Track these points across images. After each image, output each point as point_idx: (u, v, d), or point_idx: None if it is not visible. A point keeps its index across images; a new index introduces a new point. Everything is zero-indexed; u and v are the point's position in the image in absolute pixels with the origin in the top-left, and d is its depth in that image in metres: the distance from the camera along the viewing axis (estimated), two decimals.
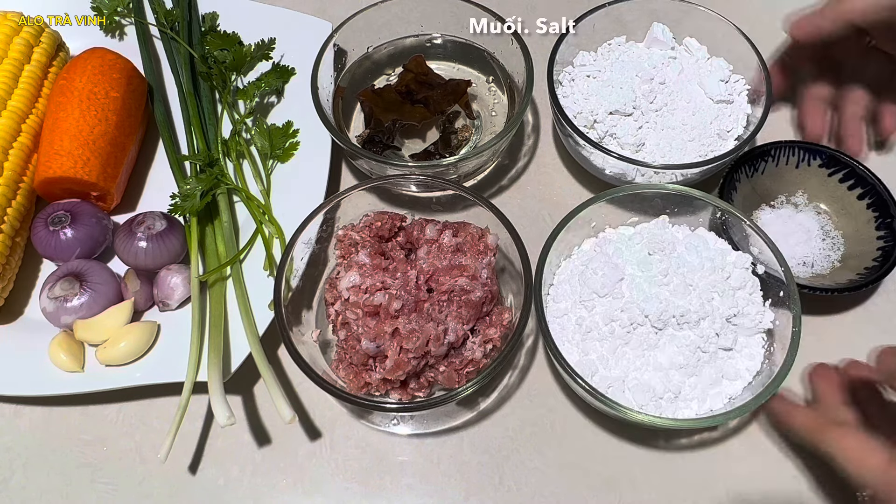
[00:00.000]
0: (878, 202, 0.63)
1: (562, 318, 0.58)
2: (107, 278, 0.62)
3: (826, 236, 0.66)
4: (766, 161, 0.66)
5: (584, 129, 0.66)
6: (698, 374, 0.55)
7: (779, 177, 0.67)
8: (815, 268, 0.64)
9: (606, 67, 0.69)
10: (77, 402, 0.61)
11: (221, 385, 0.55)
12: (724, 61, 0.68)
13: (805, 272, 0.64)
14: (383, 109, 0.68)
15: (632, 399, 0.54)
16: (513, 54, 0.68)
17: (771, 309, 0.57)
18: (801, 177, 0.67)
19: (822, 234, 0.66)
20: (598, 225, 0.62)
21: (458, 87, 0.69)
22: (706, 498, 0.56)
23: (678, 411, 0.54)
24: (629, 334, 0.55)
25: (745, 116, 0.66)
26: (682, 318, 0.55)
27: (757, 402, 0.51)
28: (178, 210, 0.64)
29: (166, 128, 0.71)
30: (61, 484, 0.58)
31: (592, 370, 0.55)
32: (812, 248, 0.65)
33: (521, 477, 0.58)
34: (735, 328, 0.56)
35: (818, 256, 0.65)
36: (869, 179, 0.64)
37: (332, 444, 0.59)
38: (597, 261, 0.58)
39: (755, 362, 0.56)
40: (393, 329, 0.54)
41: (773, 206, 0.67)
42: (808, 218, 0.66)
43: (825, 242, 0.65)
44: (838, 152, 0.65)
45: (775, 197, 0.68)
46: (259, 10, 0.76)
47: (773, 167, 0.67)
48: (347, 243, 0.59)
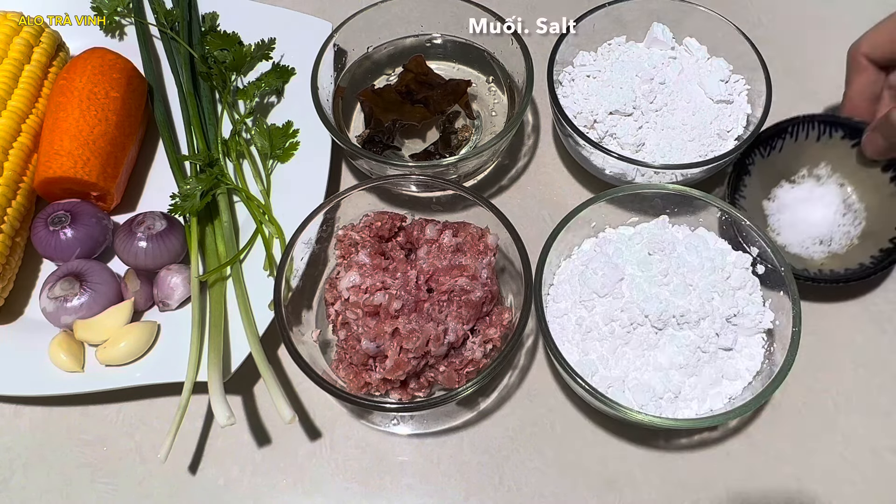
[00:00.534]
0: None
1: (562, 318, 0.58)
2: (107, 278, 0.62)
3: (848, 209, 0.64)
4: (784, 138, 0.65)
5: (584, 129, 0.66)
6: (698, 374, 0.55)
7: (800, 152, 0.66)
8: (833, 245, 0.64)
9: (606, 67, 0.69)
10: (77, 402, 0.61)
11: (221, 385, 0.55)
12: (724, 61, 0.68)
13: (821, 251, 0.64)
14: (383, 109, 0.68)
15: (632, 399, 0.54)
16: (513, 54, 0.68)
17: (771, 309, 0.57)
18: (824, 150, 0.66)
19: (843, 208, 0.64)
20: (598, 225, 0.62)
21: (458, 87, 0.69)
22: (706, 498, 0.57)
23: (678, 411, 0.54)
24: (629, 334, 0.55)
25: (745, 116, 0.66)
26: (682, 318, 0.55)
27: (757, 403, 0.51)
28: (178, 210, 0.64)
29: (166, 128, 0.71)
30: (61, 484, 0.58)
31: (592, 370, 0.55)
32: (831, 224, 0.64)
33: (521, 477, 0.58)
34: (735, 328, 0.56)
35: (837, 232, 0.64)
36: None
37: (332, 444, 0.59)
38: (597, 261, 0.58)
39: (755, 362, 0.56)
40: (393, 329, 0.54)
41: (794, 181, 0.67)
42: (829, 191, 0.65)
43: (846, 217, 0.64)
44: (861, 123, 0.64)
45: (797, 171, 0.67)
46: (259, 10, 0.76)
47: (791, 143, 0.66)
48: (347, 243, 0.58)
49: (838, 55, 0.64)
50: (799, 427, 0.59)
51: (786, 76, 0.76)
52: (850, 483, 0.57)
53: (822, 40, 0.79)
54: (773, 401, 0.60)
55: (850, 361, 0.62)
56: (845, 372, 0.61)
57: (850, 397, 0.60)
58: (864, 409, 0.60)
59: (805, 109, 0.67)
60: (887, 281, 0.65)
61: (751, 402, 0.52)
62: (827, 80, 0.76)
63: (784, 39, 0.79)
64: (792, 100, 0.68)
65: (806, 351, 0.59)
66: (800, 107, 0.68)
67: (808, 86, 0.76)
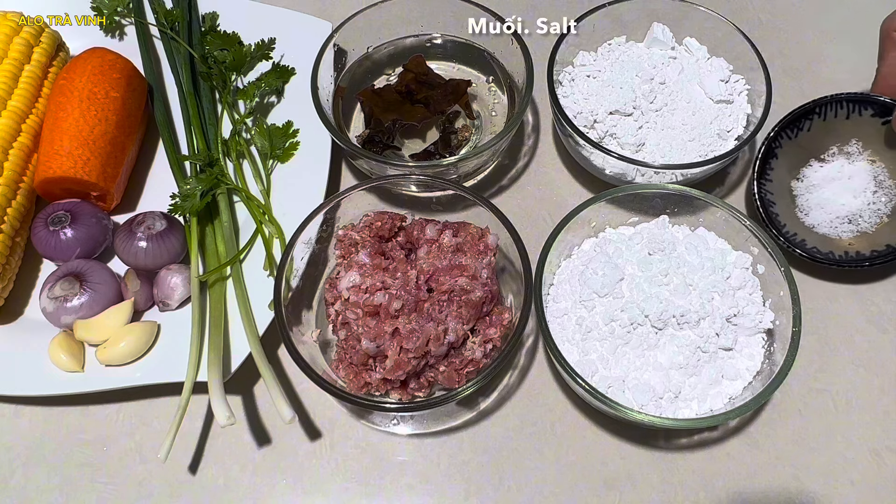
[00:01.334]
0: None
1: (562, 318, 0.58)
2: (107, 278, 0.62)
3: (879, 187, 0.65)
4: (812, 119, 0.65)
5: (584, 129, 0.66)
6: (698, 373, 0.55)
7: (829, 130, 0.66)
8: (862, 224, 0.64)
9: (606, 67, 0.69)
10: (77, 402, 0.61)
11: (221, 385, 0.55)
12: (724, 61, 0.68)
13: (850, 231, 0.64)
14: (383, 109, 0.68)
15: (632, 399, 0.54)
16: (513, 54, 0.68)
17: (771, 309, 0.57)
18: (854, 127, 0.65)
19: (874, 185, 0.65)
20: (598, 225, 0.62)
21: (458, 87, 0.69)
22: (706, 498, 0.57)
23: (678, 411, 0.54)
24: (629, 334, 0.55)
25: (745, 116, 0.66)
26: (682, 317, 0.55)
27: (757, 403, 0.52)
28: (178, 210, 0.64)
29: (166, 128, 0.71)
30: (61, 484, 0.58)
31: (592, 370, 0.55)
32: (861, 202, 0.64)
33: (521, 477, 0.58)
34: (735, 328, 0.56)
35: (867, 211, 0.64)
36: None
37: (332, 444, 0.59)
38: (597, 261, 0.58)
39: (755, 362, 0.56)
40: (393, 329, 0.54)
41: (823, 159, 0.66)
42: (860, 168, 0.65)
43: (876, 195, 0.64)
44: (891, 101, 0.63)
45: (826, 149, 0.66)
46: (259, 10, 0.76)
47: (820, 122, 0.65)
48: (347, 243, 0.58)
49: (838, 55, 0.64)
50: (799, 427, 0.59)
51: (786, 76, 0.76)
52: (850, 483, 0.57)
53: (821, 40, 0.79)
54: (773, 401, 0.60)
55: (850, 361, 0.62)
56: (845, 372, 0.61)
57: (850, 397, 0.60)
58: (864, 409, 0.60)
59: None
60: (888, 281, 0.65)
61: (751, 401, 0.52)
62: (826, 80, 0.76)
63: (784, 39, 0.79)
64: (792, 99, 0.68)
65: (806, 351, 0.59)
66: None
67: (807, 86, 0.76)
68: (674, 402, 0.54)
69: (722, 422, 0.56)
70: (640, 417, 0.51)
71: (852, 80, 0.74)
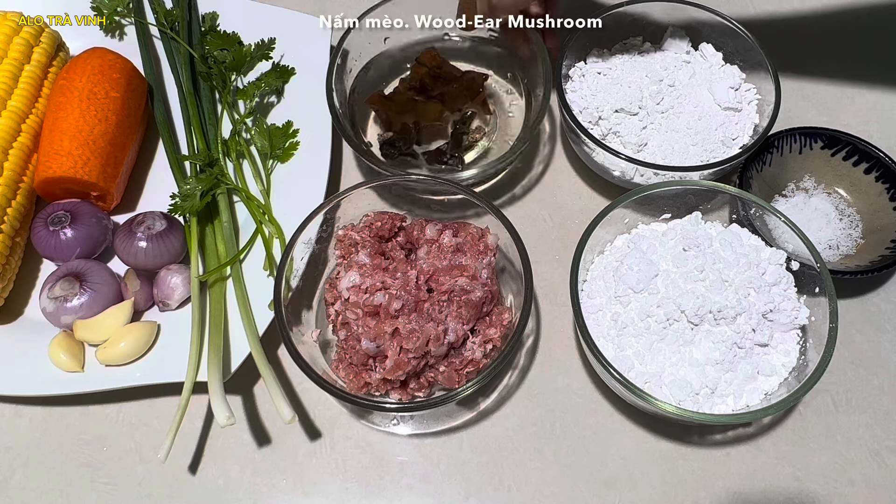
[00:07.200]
0: (886, 174, 0.64)
1: (596, 314, 0.58)
2: (107, 278, 0.62)
3: (842, 216, 0.65)
4: (772, 153, 0.66)
5: (587, 126, 0.66)
6: (734, 369, 0.55)
7: (785, 165, 0.67)
8: (842, 249, 0.64)
9: (617, 66, 0.68)
10: (77, 402, 0.61)
11: (221, 385, 0.55)
12: (737, 69, 0.68)
13: (833, 256, 0.64)
14: (396, 112, 0.67)
15: (669, 395, 0.54)
16: (530, 52, 0.67)
17: (806, 305, 0.56)
18: (806, 162, 0.67)
19: (838, 215, 0.65)
20: (630, 221, 0.62)
21: (475, 81, 0.68)
22: (706, 498, 0.57)
23: (715, 407, 0.54)
24: (665, 330, 0.55)
25: (752, 126, 0.66)
26: (718, 313, 0.54)
27: (795, 398, 0.52)
28: (178, 210, 0.64)
29: (166, 128, 0.71)
30: (61, 484, 0.58)
31: (629, 366, 0.55)
32: (833, 229, 0.65)
33: (521, 477, 0.58)
34: (771, 324, 0.56)
35: (841, 237, 0.65)
36: (872, 153, 0.64)
37: (332, 444, 0.59)
38: (631, 257, 0.58)
39: (791, 358, 0.56)
40: (393, 329, 0.54)
41: (785, 195, 0.67)
42: (821, 201, 0.66)
43: (843, 222, 0.65)
44: (837, 132, 0.65)
45: (785, 186, 0.67)
46: (259, 10, 0.76)
47: (778, 157, 0.66)
48: (347, 243, 0.58)
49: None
50: (799, 427, 0.59)
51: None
52: (850, 483, 0.57)
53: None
54: None
55: (850, 361, 0.62)
56: (845, 372, 0.61)
57: (850, 397, 0.60)
58: (864, 409, 0.60)
59: (813, 122, 0.66)
60: (887, 281, 0.65)
61: (788, 398, 0.52)
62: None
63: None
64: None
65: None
66: (808, 117, 0.68)
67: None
68: (710, 397, 0.54)
69: (759, 417, 0.56)
70: (679, 413, 0.51)
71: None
